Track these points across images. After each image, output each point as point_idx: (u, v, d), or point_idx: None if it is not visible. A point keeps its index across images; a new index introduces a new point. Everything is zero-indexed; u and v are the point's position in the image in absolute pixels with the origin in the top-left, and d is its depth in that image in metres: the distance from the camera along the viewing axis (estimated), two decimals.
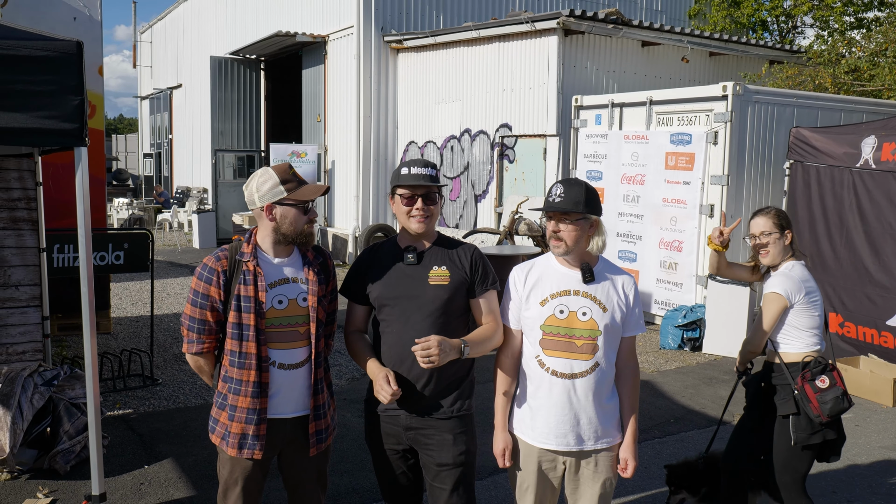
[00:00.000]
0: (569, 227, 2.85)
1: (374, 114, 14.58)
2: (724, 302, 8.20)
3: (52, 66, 2.84)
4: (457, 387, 3.05)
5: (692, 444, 5.69)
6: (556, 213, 2.86)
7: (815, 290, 3.74)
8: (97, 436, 3.13)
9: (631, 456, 2.99)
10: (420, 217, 2.98)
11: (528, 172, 11.83)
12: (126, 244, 6.94)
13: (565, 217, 2.85)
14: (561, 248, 2.89)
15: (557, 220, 2.87)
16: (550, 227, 2.89)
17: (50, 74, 2.85)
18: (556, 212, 2.86)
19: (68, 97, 2.87)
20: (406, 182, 2.98)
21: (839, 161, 7.70)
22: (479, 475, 4.82)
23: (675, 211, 9.05)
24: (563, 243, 2.87)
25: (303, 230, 2.94)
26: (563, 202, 2.84)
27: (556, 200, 2.84)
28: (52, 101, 2.85)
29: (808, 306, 3.70)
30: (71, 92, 2.88)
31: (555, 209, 2.85)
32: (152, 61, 28.78)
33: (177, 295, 11.25)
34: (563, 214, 2.85)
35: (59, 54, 2.85)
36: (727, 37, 13.24)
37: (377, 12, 14.31)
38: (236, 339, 2.90)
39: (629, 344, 3.00)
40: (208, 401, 6.45)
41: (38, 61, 2.83)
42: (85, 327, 3.07)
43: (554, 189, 2.88)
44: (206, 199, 20.81)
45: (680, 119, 9.18)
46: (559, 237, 2.87)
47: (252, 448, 2.94)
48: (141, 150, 31.17)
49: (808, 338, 3.75)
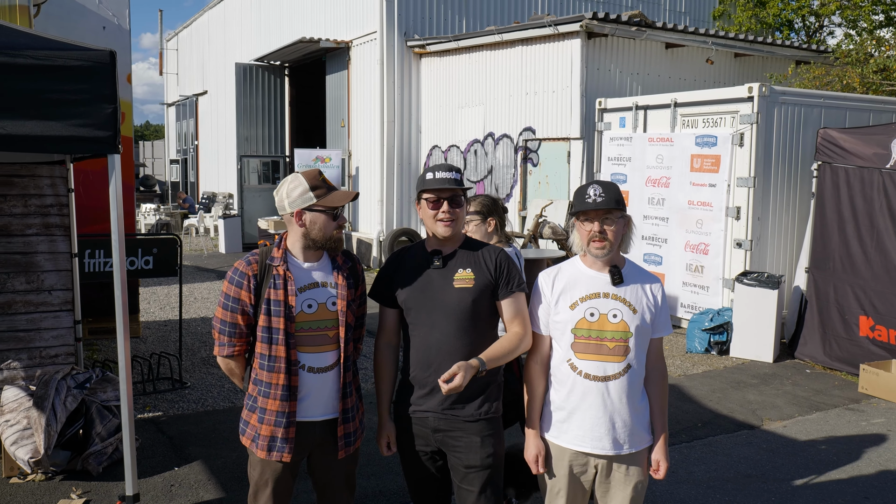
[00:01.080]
0: (613, 226, 2.85)
1: (398, 118, 14.64)
2: (751, 305, 8.12)
3: (87, 75, 2.90)
4: (484, 389, 3.06)
5: (720, 449, 5.65)
6: (600, 212, 2.85)
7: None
8: (131, 437, 3.18)
9: (663, 457, 2.99)
10: (446, 221, 3.00)
11: (552, 176, 11.80)
12: (155, 249, 7.05)
13: (608, 216, 2.85)
14: (605, 247, 2.87)
15: (601, 219, 2.85)
16: (593, 227, 2.86)
17: (84, 83, 2.91)
18: (601, 210, 2.85)
19: (102, 105, 2.93)
20: (431, 186, 3.01)
21: (868, 162, 7.60)
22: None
23: (701, 213, 8.99)
24: (607, 243, 2.86)
25: (332, 236, 2.97)
26: (606, 200, 2.83)
27: (598, 200, 2.83)
28: (86, 109, 2.91)
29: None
30: (105, 100, 2.93)
31: (600, 207, 2.83)
32: (178, 68, 29.14)
33: (203, 299, 11.36)
34: (607, 213, 2.85)
35: (93, 64, 2.91)
36: (752, 37, 13.11)
37: (400, 17, 14.37)
38: (266, 343, 2.94)
39: (657, 345, 3.00)
40: (236, 404, 6.52)
41: (73, 71, 2.89)
42: (119, 331, 3.12)
43: (591, 190, 2.86)
44: (231, 204, 21.01)
45: (705, 121, 9.12)
46: (604, 237, 2.85)
47: (281, 451, 2.97)
48: (167, 156, 31.56)
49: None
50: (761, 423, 6.29)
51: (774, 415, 6.46)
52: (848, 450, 5.68)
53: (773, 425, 6.22)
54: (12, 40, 2.95)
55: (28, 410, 4.97)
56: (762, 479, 5.12)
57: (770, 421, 6.32)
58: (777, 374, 7.69)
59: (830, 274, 7.94)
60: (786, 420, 6.35)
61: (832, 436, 5.98)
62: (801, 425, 6.22)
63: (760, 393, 7.02)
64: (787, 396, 6.95)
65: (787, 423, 6.28)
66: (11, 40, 2.94)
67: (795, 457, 5.54)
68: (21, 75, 2.85)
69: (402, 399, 3.12)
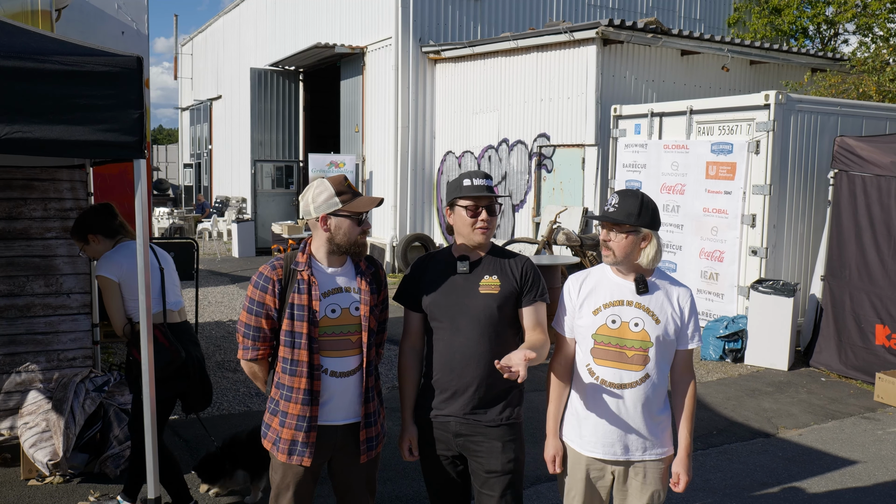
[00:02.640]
0: (618, 238, 2.86)
1: (412, 124, 14.68)
2: (766, 313, 8.09)
3: (114, 80, 2.93)
4: (506, 395, 3.07)
5: (736, 457, 5.63)
6: (608, 222, 2.88)
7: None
8: (153, 441, 3.20)
9: (684, 471, 2.98)
10: (483, 228, 3.02)
11: (567, 182, 11.81)
12: (172, 253, 7.06)
13: (615, 227, 2.87)
14: (609, 257, 2.92)
15: (608, 229, 2.89)
16: (602, 235, 2.92)
17: (111, 89, 2.93)
18: (608, 221, 2.88)
19: (128, 111, 2.96)
20: (469, 194, 3.01)
21: (886, 170, 7.57)
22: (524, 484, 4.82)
23: (716, 221, 8.96)
24: (611, 252, 2.90)
25: (356, 241, 2.99)
26: (616, 213, 2.86)
27: (610, 210, 2.87)
28: (112, 114, 2.93)
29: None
30: (131, 106, 2.96)
31: (606, 219, 2.87)
32: (193, 73, 29.33)
33: (217, 303, 11.41)
34: (614, 224, 2.87)
35: (120, 69, 2.94)
36: (768, 45, 13.10)
37: (415, 23, 14.43)
38: (288, 347, 2.96)
39: (685, 357, 2.98)
40: (251, 408, 6.54)
41: (100, 76, 2.92)
42: (142, 334, 3.15)
43: (611, 199, 2.92)
44: (244, 208, 21.11)
45: (721, 128, 9.10)
46: (608, 246, 2.89)
47: (301, 455, 2.99)
48: (181, 161, 31.73)
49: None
50: (777, 431, 6.26)
51: (790, 423, 6.43)
52: (864, 459, 5.65)
53: (788, 433, 6.19)
54: (42, 46, 2.99)
55: (47, 413, 5.02)
56: (778, 488, 5.10)
57: (785, 429, 6.29)
58: (792, 382, 7.66)
59: (846, 282, 7.90)
60: (801, 428, 6.32)
61: (848, 444, 5.95)
62: (816, 434, 6.19)
63: (776, 401, 6.99)
64: (802, 405, 6.92)
65: (803, 431, 6.26)
66: (41, 46, 2.98)
67: (811, 465, 5.51)
68: (49, 81, 2.88)
69: (424, 403, 3.13)
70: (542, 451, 3.12)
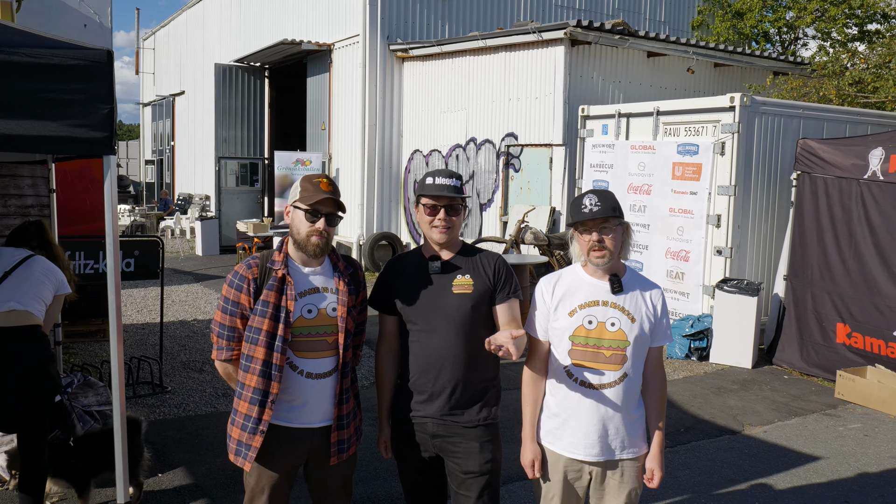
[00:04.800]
0: (611, 234, 2.85)
1: (379, 122, 14.62)
2: (731, 311, 8.21)
3: (83, 74, 2.85)
4: (483, 395, 3.07)
5: (704, 454, 5.70)
6: (598, 221, 2.84)
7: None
8: (123, 444, 3.13)
9: (657, 466, 3.00)
10: (442, 228, 3.00)
11: (534, 182, 11.85)
12: (137, 251, 6.96)
13: (606, 224, 2.84)
14: (605, 256, 2.85)
15: (598, 229, 2.84)
16: (591, 238, 2.85)
17: (80, 83, 2.86)
18: (598, 219, 2.83)
19: (99, 106, 2.88)
20: (429, 192, 3.00)
21: (847, 172, 7.73)
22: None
23: (682, 221, 9.07)
24: (607, 252, 2.84)
25: (305, 235, 2.89)
26: (603, 209, 2.82)
27: (594, 209, 2.82)
28: (82, 109, 2.86)
29: None
30: (101, 101, 2.88)
31: (597, 216, 2.82)
32: (155, 68, 28.85)
33: (182, 302, 11.24)
34: (604, 222, 2.84)
35: (89, 63, 2.86)
36: (732, 48, 13.29)
37: (383, 21, 14.36)
38: (247, 342, 2.91)
39: (657, 354, 3.01)
40: (218, 409, 6.45)
41: (69, 70, 2.84)
42: (112, 335, 3.08)
43: (586, 199, 2.85)
44: (208, 206, 20.83)
45: (687, 129, 9.21)
46: (603, 246, 2.84)
47: (244, 457, 2.92)
48: (142, 157, 31.20)
49: None
50: (742, 428, 6.35)
51: (755, 420, 6.53)
52: (827, 455, 5.76)
53: (753, 430, 6.29)
54: (6, 37, 2.90)
55: None
56: (746, 484, 5.17)
57: (751, 426, 6.39)
58: (756, 379, 7.78)
59: (809, 282, 8.05)
60: (766, 425, 6.42)
61: (811, 441, 6.06)
62: (781, 430, 6.30)
63: (741, 398, 7.10)
64: (766, 402, 7.03)
65: (768, 428, 6.36)
66: (5, 37, 2.89)
67: (777, 462, 5.60)
68: (16, 74, 2.80)
69: (400, 405, 3.11)
70: (515, 450, 3.12)
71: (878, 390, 6.90)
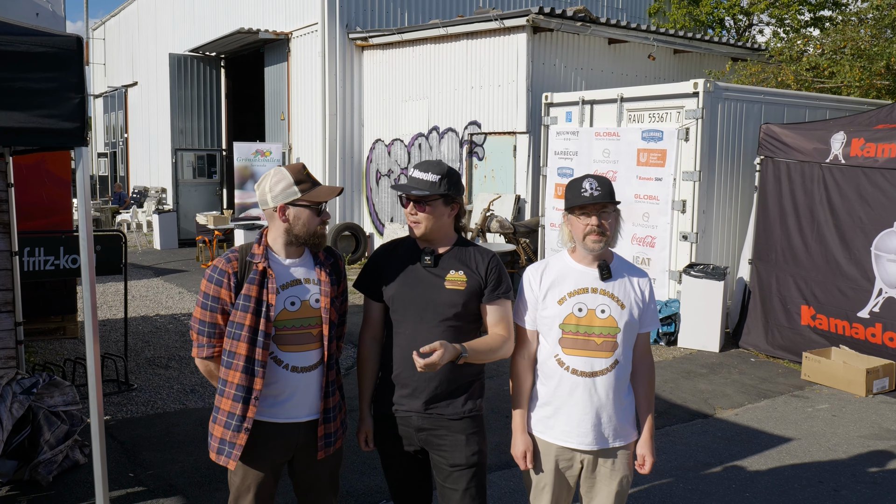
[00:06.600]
0: (609, 219, 2.82)
1: (340, 112, 14.45)
2: (698, 296, 8.31)
3: (53, 62, 2.72)
4: (468, 388, 3.02)
5: (678, 438, 5.75)
6: (598, 206, 2.79)
7: None
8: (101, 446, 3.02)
9: (648, 452, 2.99)
10: (410, 220, 2.95)
11: (498, 170, 11.83)
12: (98, 246, 6.74)
13: (605, 209, 2.81)
14: (603, 241, 2.82)
15: (598, 213, 2.80)
16: (590, 222, 2.80)
17: (50, 71, 2.72)
18: (598, 204, 2.78)
19: (69, 95, 2.75)
20: (398, 188, 2.96)
21: (809, 157, 7.85)
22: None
23: (648, 207, 9.13)
24: (604, 237, 2.81)
25: (315, 232, 2.87)
26: (603, 194, 2.78)
27: (596, 193, 2.78)
28: (51, 99, 2.72)
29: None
30: (71, 90, 2.75)
31: (598, 201, 2.77)
32: (105, 58, 28.13)
33: (142, 297, 11.00)
34: (604, 207, 2.80)
35: (59, 50, 2.73)
36: (691, 35, 13.41)
37: (342, 9, 14.18)
38: (229, 338, 2.83)
39: (645, 340, 3.00)
40: (187, 406, 6.32)
41: (38, 58, 2.70)
42: (87, 331, 2.97)
43: (586, 183, 2.80)
44: (164, 199, 20.42)
45: (651, 116, 9.26)
46: (603, 231, 2.80)
47: (228, 455, 2.85)
48: (94, 150, 30.43)
49: None
50: (714, 411, 6.43)
51: (725, 403, 6.62)
52: (798, 436, 5.86)
53: (725, 413, 6.37)
54: None
55: None
56: (721, 467, 5.23)
57: (722, 409, 6.47)
58: (724, 363, 7.89)
59: (773, 265, 8.18)
60: (737, 408, 6.51)
61: (782, 422, 6.16)
62: (751, 413, 6.39)
63: (710, 382, 7.19)
64: (735, 385, 7.13)
65: (738, 410, 6.44)
66: None
67: (750, 444, 5.68)
68: None
69: (384, 398, 3.05)
70: (493, 439, 3.09)
71: (844, 371, 7.04)
